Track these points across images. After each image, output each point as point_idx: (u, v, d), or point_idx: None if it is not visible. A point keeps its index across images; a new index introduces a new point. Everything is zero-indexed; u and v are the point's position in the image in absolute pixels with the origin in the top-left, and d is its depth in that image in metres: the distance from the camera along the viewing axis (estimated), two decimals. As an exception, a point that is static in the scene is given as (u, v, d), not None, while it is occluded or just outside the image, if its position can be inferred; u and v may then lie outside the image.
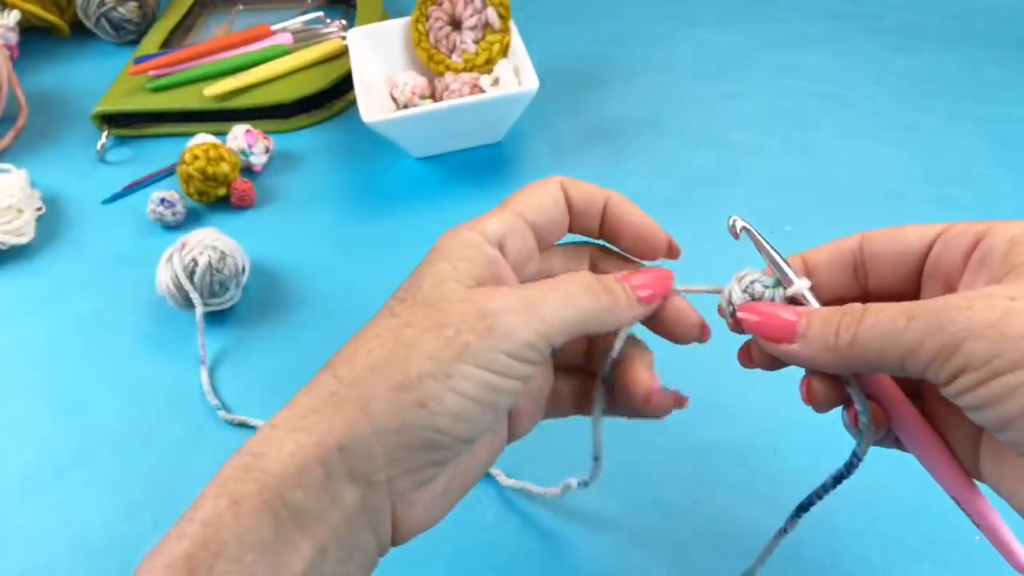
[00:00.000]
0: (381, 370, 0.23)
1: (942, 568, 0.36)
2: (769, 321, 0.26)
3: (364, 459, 0.23)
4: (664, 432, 0.42)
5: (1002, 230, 0.23)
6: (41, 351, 0.51)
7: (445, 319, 0.24)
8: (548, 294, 0.25)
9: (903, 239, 0.26)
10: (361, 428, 0.23)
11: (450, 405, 0.23)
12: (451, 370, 0.23)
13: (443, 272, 0.25)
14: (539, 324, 0.24)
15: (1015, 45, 0.70)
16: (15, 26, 0.77)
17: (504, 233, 0.27)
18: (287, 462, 0.22)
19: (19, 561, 0.40)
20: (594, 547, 0.38)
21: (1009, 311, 0.21)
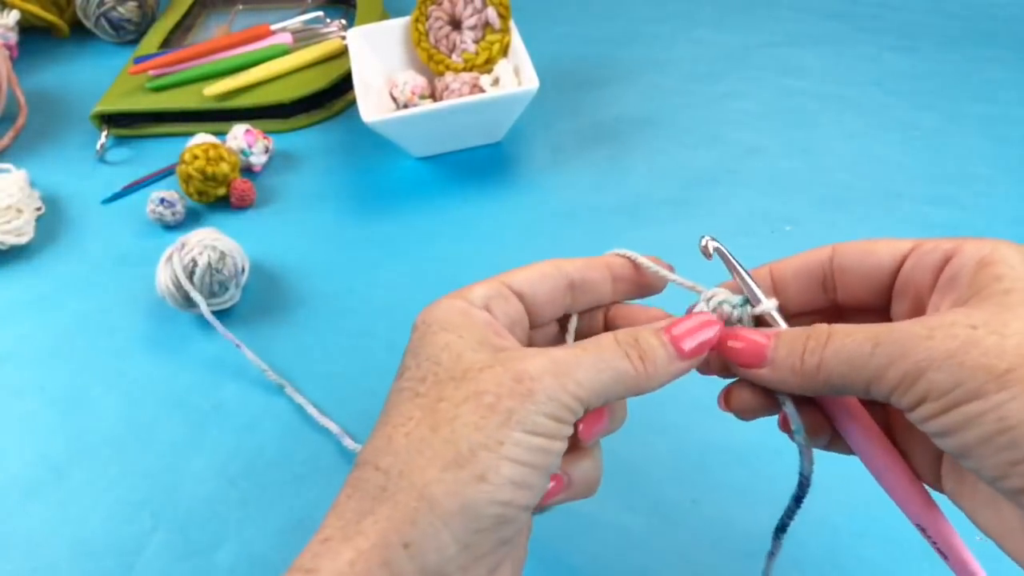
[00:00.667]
0: (428, 451, 0.22)
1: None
2: (741, 347, 0.26)
3: (434, 552, 0.21)
4: (664, 432, 0.42)
5: (971, 250, 0.23)
6: (41, 351, 0.51)
7: (480, 387, 0.23)
8: (581, 356, 0.24)
9: (874, 255, 0.26)
10: (424, 518, 0.21)
11: (508, 474, 0.22)
12: (502, 437, 0.22)
13: (454, 344, 0.24)
14: (575, 387, 0.23)
15: (1015, 45, 0.70)
16: (15, 26, 0.77)
17: (488, 296, 0.26)
18: (346, 572, 0.21)
19: (19, 561, 0.40)
20: (594, 547, 0.38)
21: (969, 340, 0.21)
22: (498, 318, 0.26)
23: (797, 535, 0.37)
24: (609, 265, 0.29)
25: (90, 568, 0.39)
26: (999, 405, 0.20)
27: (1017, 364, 0.20)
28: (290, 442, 0.44)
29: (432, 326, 0.25)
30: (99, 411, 0.46)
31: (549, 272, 0.28)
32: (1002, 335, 0.20)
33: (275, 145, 0.65)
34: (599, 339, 0.25)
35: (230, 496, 0.41)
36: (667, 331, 0.25)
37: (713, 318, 0.26)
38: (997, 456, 0.20)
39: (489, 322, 0.25)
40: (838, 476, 0.40)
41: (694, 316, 0.26)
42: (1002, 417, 0.20)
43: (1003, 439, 0.20)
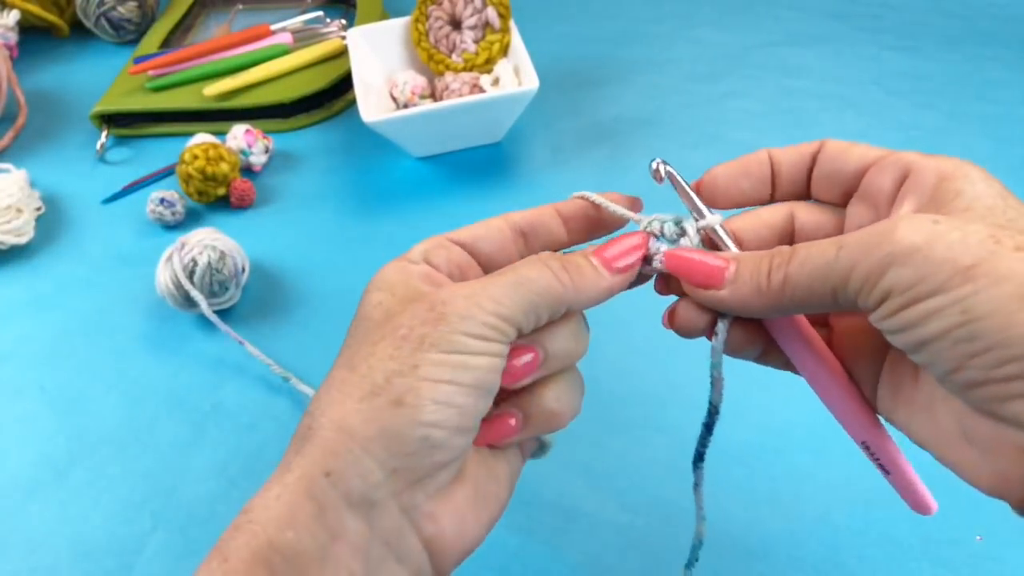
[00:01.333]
0: (347, 387, 0.23)
1: (942, 568, 0.36)
2: (695, 267, 0.25)
3: (358, 479, 0.21)
4: (664, 432, 0.42)
5: (931, 165, 0.24)
6: (41, 351, 0.51)
7: (396, 323, 0.23)
8: (497, 278, 0.24)
9: (845, 155, 0.26)
10: (342, 446, 0.21)
11: (428, 393, 0.22)
12: (416, 361, 0.22)
13: (385, 301, 0.25)
14: (492, 304, 0.23)
15: (1015, 45, 0.70)
16: (15, 26, 0.77)
17: (426, 249, 0.27)
18: (272, 506, 0.21)
19: (19, 561, 0.40)
20: (594, 547, 0.38)
21: (933, 234, 0.21)
22: (439, 267, 0.26)
23: (797, 535, 0.38)
24: (558, 209, 0.29)
25: (90, 568, 0.39)
26: (963, 298, 0.20)
27: (982, 259, 0.20)
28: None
29: (370, 288, 0.26)
30: (99, 411, 0.46)
31: (493, 223, 0.28)
32: (964, 231, 0.20)
33: (275, 145, 0.65)
34: (521, 260, 0.25)
35: (230, 496, 0.41)
36: (594, 252, 0.26)
37: (639, 234, 0.27)
38: (954, 348, 0.20)
39: (426, 273, 0.26)
40: (838, 476, 0.40)
41: (620, 238, 0.27)
42: (964, 310, 0.20)
43: (963, 331, 0.20)
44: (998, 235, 0.20)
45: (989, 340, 0.20)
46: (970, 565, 0.36)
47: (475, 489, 0.24)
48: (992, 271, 0.20)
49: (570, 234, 0.29)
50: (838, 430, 0.35)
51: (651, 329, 0.47)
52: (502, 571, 0.37)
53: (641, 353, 0.47)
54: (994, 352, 0.20)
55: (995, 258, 0.20)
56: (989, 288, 0.20)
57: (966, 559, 0.36)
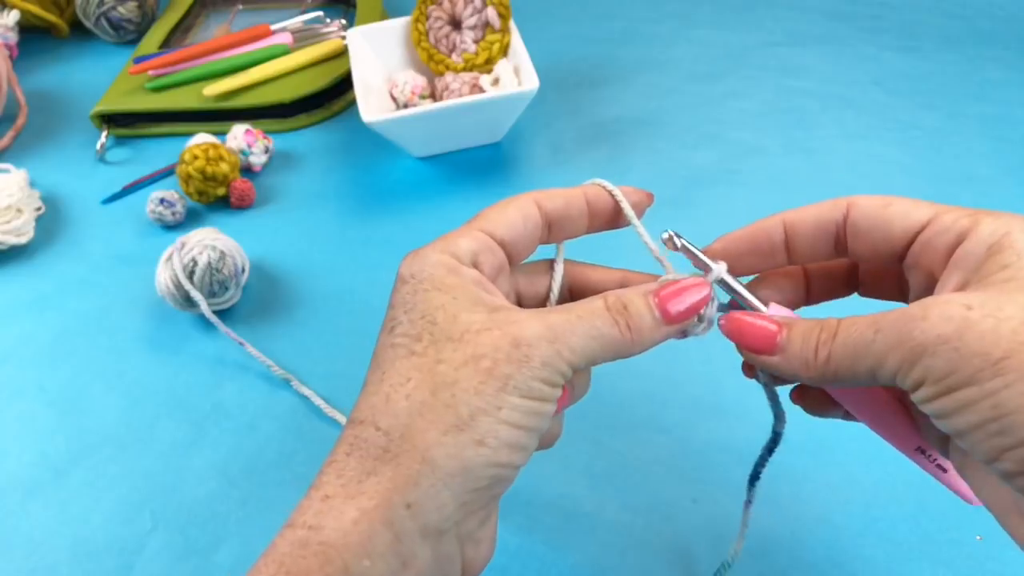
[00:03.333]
0: (430, 414, 0.22)
1: (942, 568, 0.36)
2: (749, 331, 0.26)
3: (435, 512, 0.22)
4: (664, 432, 0.42)
5: (984, 233, 0.23)
6: (41, 351, 0.51)
7: (478, 350, 0.23)
8: (575, 324, 0.24)
9: (888, 225, 0.25)
10: (426, 479, 0.22)
11: (505, 437, 0.23)
12: (500, 402, 0.22)
13: (449, 305, 0.24)
14: (569, 354, 0.24)
15: (1015, 45, 0.70)
16: (15, 26, 0.77)
17: (476, 251, 0.26)
18: (350, 530, 0.21)
19: (19, 561, 0.40)
20: (594, 547, 0.38)
21: (964, 324, 0.21)
22: (486, 272, 0.26)
23: (797, 534, 0.38)
24: (589, 201, 0.28)
25: (90, 568, 0.39)
26: (993, 392, 0.20)
27: (1012, 351, 0.20)
28: (290, 442, 0.44)
29: (423, 283, 0.25)
30: (99, 411, 0.46)
31: (530, 214, 0.27)
32: (997, 319, 0.20)
33: (275, 145, 0.65)
34: (590, 304, 0.25)
35: (230, 496, 0.41)
36: (655, 294, 0.26)
37: (702, 281, 0.27)
38: (990, 441, 0.21)
39: (479, 280, 0.25)
40: (838, 476, 0.40)
41: (683, 280, 0.26)
42: (996, 404, 0.20)
43: (996, 425, 0.20)
44: None
45: (1021, 435, 0.20)
46: (970, 565, 0.36)
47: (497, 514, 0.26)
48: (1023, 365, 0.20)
49: (589, 228, 0.29)
50: (838, 430, 0.35)
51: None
52: (502, 571, 0.37)
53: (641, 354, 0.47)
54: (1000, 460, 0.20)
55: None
56: (1019, 382, 0.20)
57: (966, 559, 0.36)
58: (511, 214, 0.27)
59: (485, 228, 0.27)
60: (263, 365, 0.47)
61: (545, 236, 0.28)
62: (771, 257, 0.28)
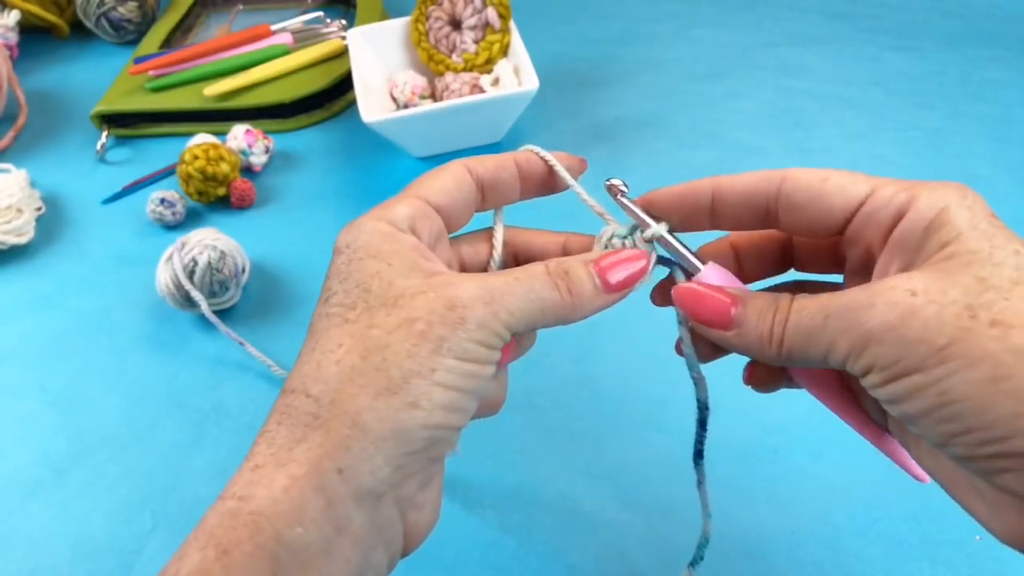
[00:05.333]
0: (360, 378, 0.22)
1: (942, 568, 0.36)
2: (702, 303, 0.26)
3: (368, 476, 0.21)
4: (664, 432, 0.42)
5: (922, 210, 0.22)
6: (41, 351, 0.51)
7: (412, 313, 0.23)
8: (512, 285, 0.24)
9: (824, 202, 0.25)
10: (357, 444, 0.21)
11: (440, 399, 0.22)
12: (434, 364, 0.22)
13: (384, 272, 0.24)
14: (507, 315, 0.23)
15: (1015, 45, 0.70)
16: (15, 26, 0.77)
17: (413, 216, 0.26)
18: (280, 498, 0.21)
19: (19, 561, 0.40)
20: (594, 547, 0.38)
21: (908, 310, 0.21)
22: (423, 238, 0.26)
23: (797, 534, 0.38)
24: (519, 164, 0.28)
25: (90, 568, 0.39)
26: (938, 380, 0.20)
27: (956, 337, 0.20)
28: (290, 442, 0.44)
29: (359, 251, 0.24)
30: (99, 411, 0.46)
31: (462, 179, 0.27)
32: (940, 304, 0.20)
33: (275, 145, 0.65)
34: (530, 268, 0.25)
35: (230, 496, 0.41)
36: (596, 263, 0.26)
37: (641, 252, 0.27)
38: (939, 427, 0.21)
39: (415, 246, 0.25)
40: (838, 476, 0.40)
41: (623, 251, 0.27)
42: (942, 391, 0.20)
43: (944, 412, 0.20)
44: (974, 307, 0.20)
45: (968, 423, 0.20)
46: (970, 565, 0.36)
47: (441, 478, 0.25)
48: (967, 352, 0.20)
49: (523, 194, 0.29)
50: (838, 430, 0.35)
51: (651, 329, 0.47)
52: (502, 571, 0.37)
53: (641, 353, 0.47)
54: (975, 434, 0.20)
55: (970, 336, 0.20)
56: (964, 370, 0.20)
57: (966, 559, 0.36)
58: (444, 179, 0.27)
59: (420, 194, 0.26)
60: (263, 365, 0.47)
61: (480, 202, 0.28)
62: (694, 218, 0.28)
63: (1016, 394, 0.19)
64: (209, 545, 0.20)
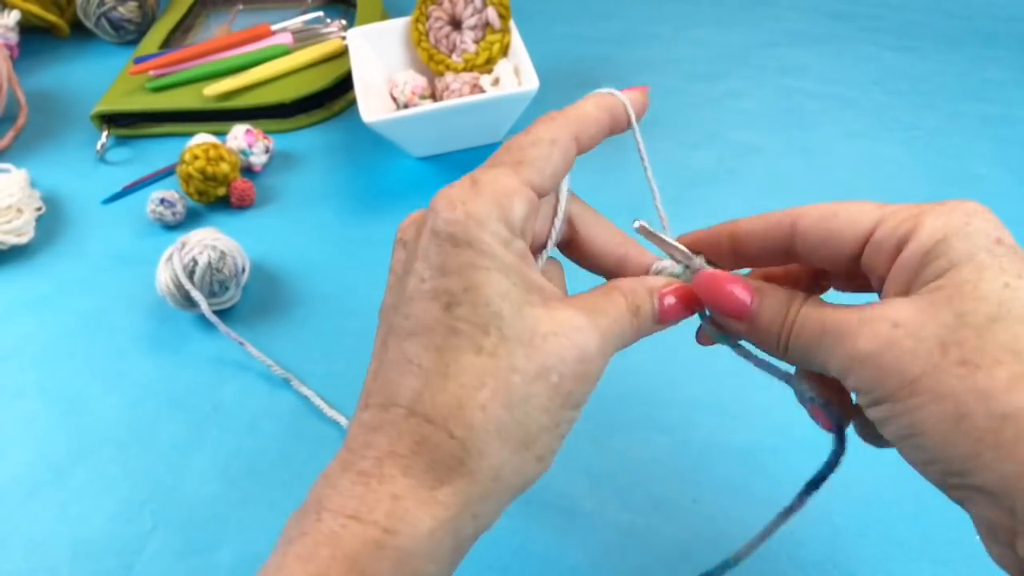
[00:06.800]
0: (505, 432, 0.22)
1: (942, 568, 0.36)
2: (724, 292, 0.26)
3: (492, 519, 0.23)
4: (664, 432, 0.42)
5: (922, 239, 0.22)
6: (41, 351, 0.51)
7: (547, 362, 0.23)
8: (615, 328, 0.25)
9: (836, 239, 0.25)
10: (495, 495, 0.23)
11: (557, 448, 0.24)
12: (559, 419, 0.23)
13: (511, 294, 0.22)
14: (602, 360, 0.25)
15: (1015, 45, 0.70)
16: (15, 26, 0.77)
17: (526, 217, 0.24)
18: (425, 540, 0.21)
19: (19, 561, 0.40)
20: (594, 547, 0.38)
21: (888, 342, 0.21)
22: (527, 239, 0.25)
23: (797, 535, 0.38)
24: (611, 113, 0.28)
25: (90, 568, 0.39)
26: (909, 411, 0.21)
27: (926, 372, 0.21)
28: (291, 442, 0.44)
29: (483, 258, 0.22)
30: (99, 411, 0.46)
31: (571, 157, 0.26)
32: (917, 338, 0.21)
33: (275, 145, 0.65)
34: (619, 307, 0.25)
35: (230, 496, 0.41)
36: (661, 298, 0.27)
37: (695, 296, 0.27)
38: (911, 454, 0.22)
39: (524, 253, 0.24)
40: (838, 476, 0.40)
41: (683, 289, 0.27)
42: (911, 423, 0.21)
43: (913, 441, 0.22)
44: (947, 344, 0.21)
45: (933, 454, 0.21)
46: (970, 565, 0.36)
47: None
48: (934, 387, 0.21)
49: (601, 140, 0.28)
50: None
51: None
52: (502, 571, 0.37)
53: (641, 353, 0.47)
54: (939, 465, 0.21)
55: (937, 372, 0.21)
56: (930, 404, 0.21)
57: (966, 559, 0.36)
58: (555, 161, 0.25)
59: (533, 181, 0.24)
60: (263, 365, 0.47)
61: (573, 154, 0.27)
62: (718, 259, 0.29)
63: (974, 433, 0.20)
64: (353, 571, 0.20)
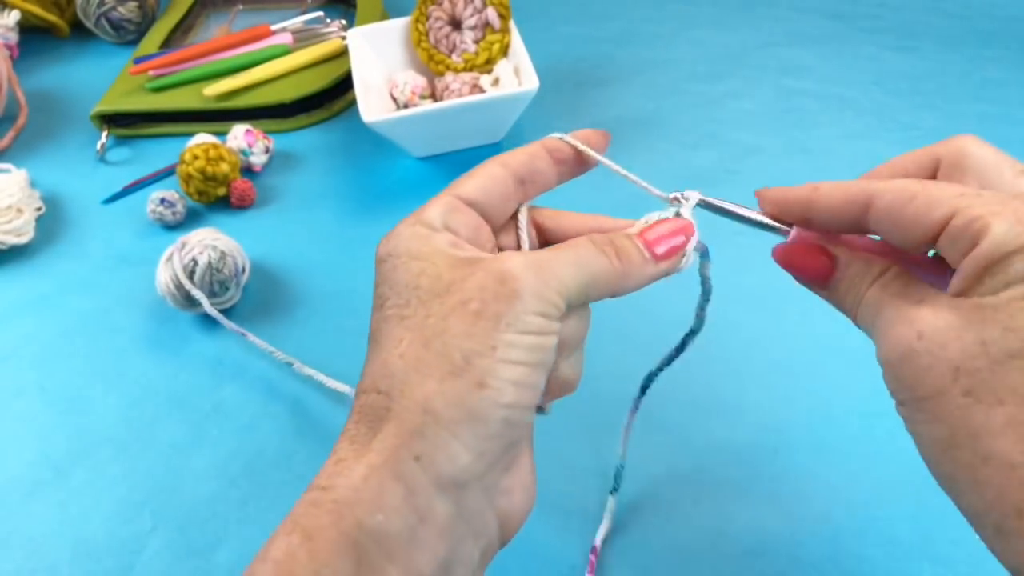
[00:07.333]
0: (424, 367, 0.22)
1: (942, 568, 0.36)
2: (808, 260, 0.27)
3: (447, 463, 0.21)
4: (664, 432, 0.42)
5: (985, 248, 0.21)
6: (41, 351, 0.51)
7: (464, 295, 0.23)
8: (560, 254, 0.24)
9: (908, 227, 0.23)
10: (430, 430, 0.21)
11: (506, 375, 0.22)
12: (494, 342, 0.22)
13: (429, 269, 0.24)
14: (557, 283, 0.23)
15: (1015, 45, 0.70)
16: (15, 26, 0.77)
17: (445, 214, 0.26)
18: (360, 487, 0.21)
19: (19, 561, 0.40)
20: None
21: (908, 353, 0.22)
22: (459, 233, 0.26)
23: (797, 535, 0.38)
24: (549, 151, 0.28)
25: (90, 568, 0.39)
26: (914, 423, 0.22)
27: (933, 394, 0.21)
28: (291, 442, 0.44)
29: (400, 256, 0.25)
30: (99, 411, 0.46)
31: (497, 173, 0.27)
32: (936, 356, 0.21)
33: (275, 145, 0.65)
34: (573, 241, 0.25)
35: (230, 496, 0.41)
36: (640, 236, 0.26)
37: (686, 223, 0.27)
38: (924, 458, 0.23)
39: (453, 241, 0.25)
40: (838, 476, 0.40)
41: (666, 222, 0.27)
42: (916, 434, 0.22)
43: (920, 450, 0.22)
44: (960, 371, 0.21)
45: (931, 470, 0.22)
46: (970, 565, 0.36)
47: (530, 459, 0.25)
48: (935, 410, 0.21)
49: (559, 177, 0.29)
50: (838, 430, 0.35)
51: (651, 329, 0.47)
52: (502, 571, 0.37)
53: (641, 353, 0.47)
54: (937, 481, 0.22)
55: (942, 398, 0.21)
56: (929, 424, 0.21)
57: (966, 559, 0.36)
58: (476, 176, 0.27)
59: (452, 192, 0.27)
60: (263, 365, 0.47)
61: (519, 193, 0.28)
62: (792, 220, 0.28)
63: (959, 464, 0.21)
64: (295, 531, 0.21)
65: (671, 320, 0.32)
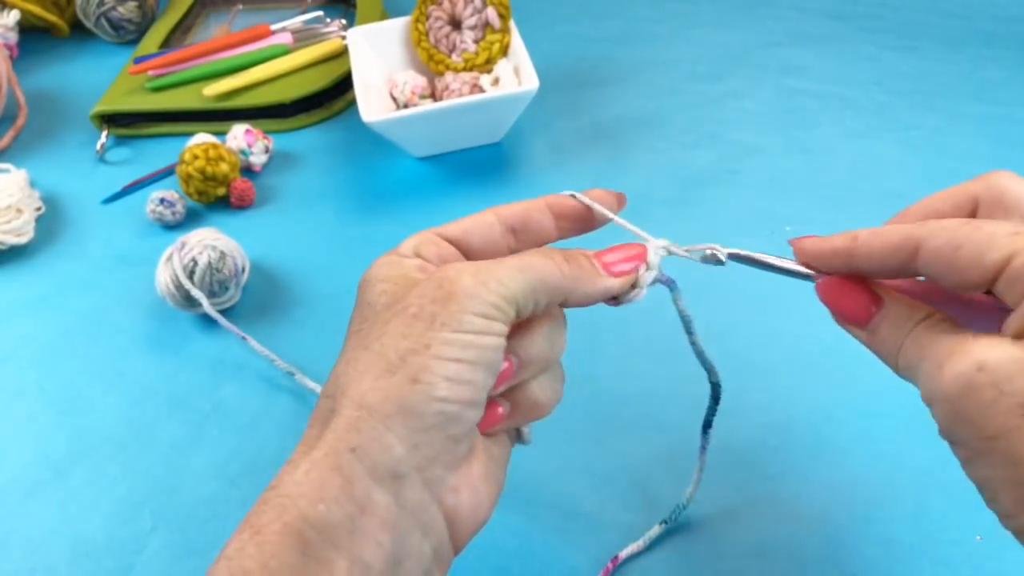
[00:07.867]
0: (361, 366, 0.23)
1: (942, 568, 0.36)
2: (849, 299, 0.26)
3: (381, 454, 0.22)
4: (664, 432, 0.42)
5: None
6: (41, 351, 0.51)
7: (406, 303, 0.24)
8: (504, 261, 0.25)
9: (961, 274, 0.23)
10: (365, 423, 0.22)
11: (440, 371, 0.23)
12: (427, 340, 0.23)
13: (389, 289, 0.25)
14: (497, 285, 0.24)
15: (1015, 45, 0.70)
16: (15, 26, 0.77)
17: (416, 244, 0.28)
18: (302, 480, 0.22)
19: (19, 561, 0.40)
20: (594, 547, 0.38)
21: (968, 388, 0.21)
22: (430, 260, 0.27)
23: (797, 534, 0.38)
24: (550, 205, 0.29)
25: (90, 568, 0.39)
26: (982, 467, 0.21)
27: (1004, 432, 0.20)
28: (291, 442, 0.43)
29: (371, 282, 0.26)
30: (99, 411, 0.46)
31: (485, 219, 0.29)
32: (1000, 392, 0.20)
33: (275, 145, 0.65)
34: (526, 251, 0.26)
35: (230, 496, 0.41)
36: (596, 255, 0.27)
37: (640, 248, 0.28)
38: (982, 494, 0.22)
39: (420, 266, 0.27)
40: (838, 476, 0.40)
41: (621, 247, 0.28)
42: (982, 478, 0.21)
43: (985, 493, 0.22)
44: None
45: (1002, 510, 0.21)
46: (970, 565, 0.36)
47: (484, 465, 0.26)
48: (1008, 450, 0.20)
49: (559, 231, 0.30)
50: (838, 430, 0.35)
51: (651, 329, 0.47)
52: (502, 571, 0.37)
53: (641, 353, 0.47)
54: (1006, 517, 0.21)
55: (1015, 435, 0.20)
56: (1003, 467, 0.20)
57: (966, 559, 0.36)
58: (464, 219, 0.29)
59: (432, 230, 0.28)
60: (264, 365, 0.47)
61: (509, 239, 0.29)
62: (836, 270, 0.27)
63: None
64: (245, 529, 0.22)
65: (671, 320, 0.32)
